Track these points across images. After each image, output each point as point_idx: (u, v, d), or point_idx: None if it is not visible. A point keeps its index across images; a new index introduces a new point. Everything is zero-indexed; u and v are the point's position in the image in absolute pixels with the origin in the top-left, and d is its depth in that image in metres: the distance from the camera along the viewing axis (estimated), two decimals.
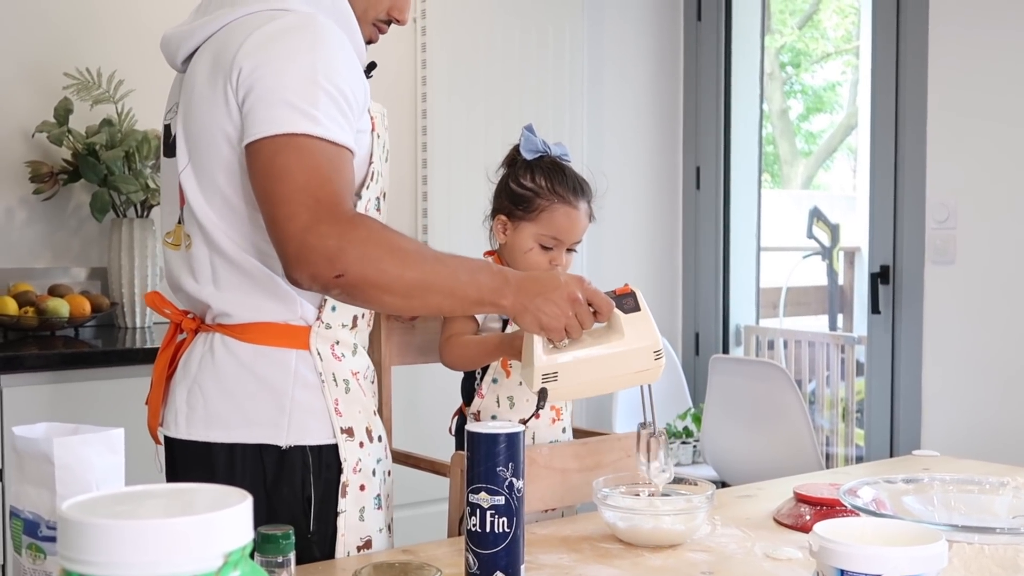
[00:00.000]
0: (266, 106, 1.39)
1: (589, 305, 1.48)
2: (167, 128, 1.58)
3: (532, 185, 1.81)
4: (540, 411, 1.58)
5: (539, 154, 1.83)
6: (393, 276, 1.36)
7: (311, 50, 1.42)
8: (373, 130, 1.55)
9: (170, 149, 1.56)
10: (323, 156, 1.38)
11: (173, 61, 1.58)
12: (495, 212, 1.87)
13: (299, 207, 1.35)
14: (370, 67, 1.61)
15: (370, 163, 1.55)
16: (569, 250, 1.85)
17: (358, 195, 1.54)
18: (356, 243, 1.34)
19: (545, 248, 1.82)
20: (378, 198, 1.59)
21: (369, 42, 1.60)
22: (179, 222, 1.55)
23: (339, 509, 1.53)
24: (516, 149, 1.85)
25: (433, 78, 3.64)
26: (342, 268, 1.34)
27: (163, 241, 1.61)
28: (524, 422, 1.40)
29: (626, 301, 1.51)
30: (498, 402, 1.86)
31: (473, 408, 1.87)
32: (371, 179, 1.56)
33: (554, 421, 1.88)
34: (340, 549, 1.53)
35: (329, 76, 1.41)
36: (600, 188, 1.89)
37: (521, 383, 1.83)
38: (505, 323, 1.85)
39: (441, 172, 3.66)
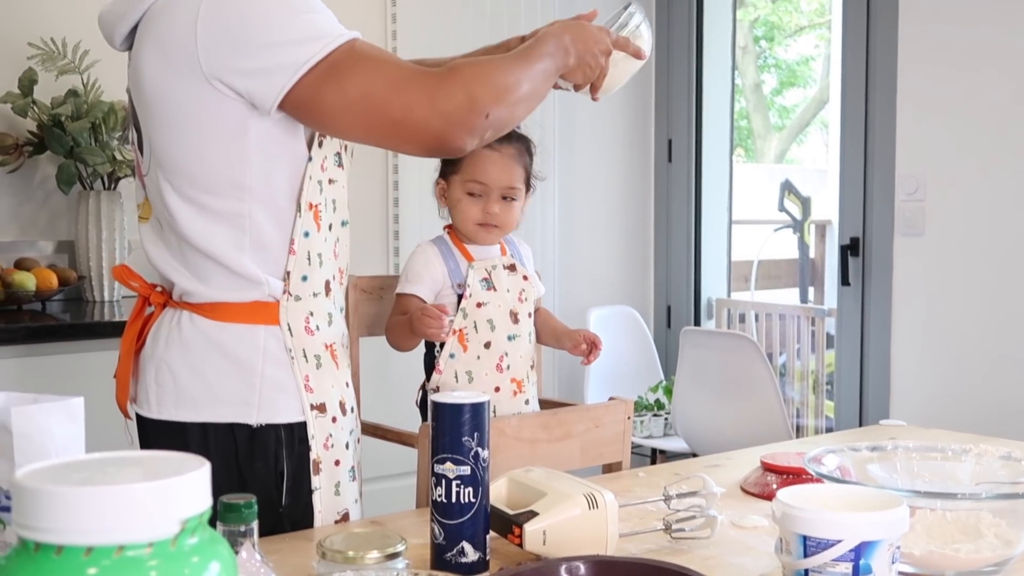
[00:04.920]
0: (272, 54, 1.34)
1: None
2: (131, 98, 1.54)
3: None
4: None
5: None
6: (511, 85, 1.43)
7: None
8: None
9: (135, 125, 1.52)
10: (365, 49, 1.38)
11: (111, 40, 1.51)
12: (437, 181, 1.86)
13: (407, 95, 1.36)
14: None
15: None
16: (506, 198, 1.82)
17: (319, 145, 1.48)
18: (473, 85, 1.39)
19: (473, 196, 1.80)
20: (338, 153, 1.53)
21: None
22: (147, 197, 1.52)
23: (313, 487, 1.50)
24: None
25: (403, 35, 3.62)
26: (483, 108, 1.38)
27: (138, 215, 1.57)
28: None
29: None
30: (456, 377, 1.84)
31: (432, 383, 1.86)
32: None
33: (515, 394, 1.86)
34: (318, 526, 1.51)
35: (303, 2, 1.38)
36: (543, 144, 1.85)
37: (479, 357, 1.81)
38: (459, 298, 1.82)
39: None
